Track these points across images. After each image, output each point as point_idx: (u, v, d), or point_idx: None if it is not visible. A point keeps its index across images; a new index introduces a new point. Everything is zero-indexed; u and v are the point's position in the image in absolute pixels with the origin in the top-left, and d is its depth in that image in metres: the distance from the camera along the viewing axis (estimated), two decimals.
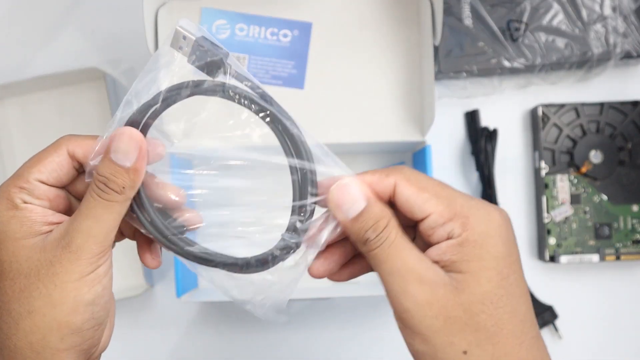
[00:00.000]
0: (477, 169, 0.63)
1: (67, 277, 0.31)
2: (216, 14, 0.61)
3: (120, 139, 0.32)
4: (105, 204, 0.32)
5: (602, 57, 0.61)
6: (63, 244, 0.31)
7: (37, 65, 0.66)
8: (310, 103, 0.61)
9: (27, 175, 0.32)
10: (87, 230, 0.31)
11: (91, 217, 0.31)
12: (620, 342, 0.64)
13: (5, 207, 0.32)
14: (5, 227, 0.31)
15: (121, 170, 0.32)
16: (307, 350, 0.65)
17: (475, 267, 0.29)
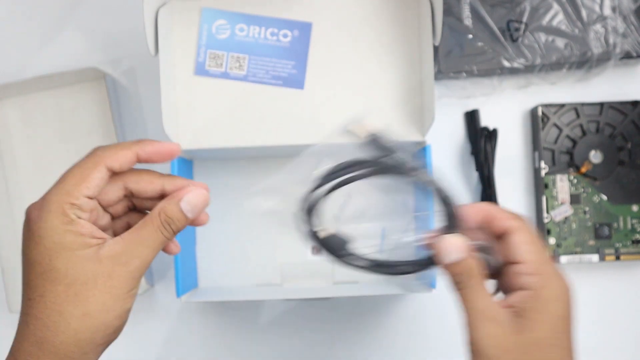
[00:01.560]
0: (476, 169, 0.63)
1: (121, 290, 0.37)
2: (216, 14, 0.61)
3: (197, 195, 0.40)
4: (162, 239, 0.39)
5: (602, 57, 0.61)
6: (122, 262, 0.37)
7: (37, 65, 0.66)
8: (310, 103, 0.61)
9: (77, 192, 0.37)
10: (144, 257, 0.38)
11: (150, 246, 0.38)
12: (620, 342, 0.64)
13: (61, 222, 0.36)
14: (62, 239, 0.36)
15: (184, 218, 0.39)
16: (307, 349, 0.65)
17: (538, 318, 0.36)
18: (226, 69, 0.61)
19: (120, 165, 0.39)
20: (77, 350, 0.37)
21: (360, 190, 0.58)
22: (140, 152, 0.39)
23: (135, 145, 0.39)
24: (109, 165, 0.38)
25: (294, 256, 0.64)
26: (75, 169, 0.38)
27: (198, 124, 0.60)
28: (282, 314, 0.65)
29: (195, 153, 0.61)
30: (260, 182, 0.64)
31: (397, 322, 0.65)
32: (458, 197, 0.40)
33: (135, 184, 0.40)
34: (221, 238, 0.64)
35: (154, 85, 0.56)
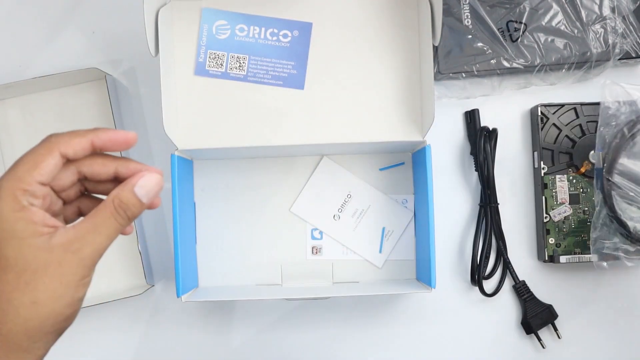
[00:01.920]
0: (476, 169, 0.64)
1: (71, 277, 0.36)
2: (216, 15, 0.61)
3: (151, 179, 0.39)
4: (117, 226, 0.38)
5: (601, 58, 0.61)
6: (73, 249, 0.36)
7: (37, 65, 0.66)
8: (310, 103, 0.61)
9: (29, 178, 0.36)
10: (97, 244, 0.37)
11: (103, 234, 0.37)
12: (620, 341, 0.65)
13: (12, 209, 0.35)
14: (13, 226, 0.35)
15: (138, 203, 0.38)
16: (308, 349, 0.65)
17: None
18: (226, 69, 0.61)
19: (74, 152, 0.38)
20: (25, 339, 0.36)
21: (359, 190, 0.59)
22: (95, 140, 0.38)
23: (91, 132, 0.38)
24: (63, 152, 0.38)
25: (294, 256, 0.64)
26: (28, 156, 0.37)
27: (198, 124, 0.60)
28: (282, 313, 0.66)
29: (195, 153, 0.61)
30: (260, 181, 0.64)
31: (397, 322, 0.65)
32: None
33: (88, 168, 0.39)
34: (221, 238, 0.64)
35: (154, 85, 0.56)
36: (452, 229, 0.65)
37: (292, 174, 0.65)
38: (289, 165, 0.65)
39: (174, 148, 0.58)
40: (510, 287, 0.65)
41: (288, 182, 0.64)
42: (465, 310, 0.65)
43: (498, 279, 0.64)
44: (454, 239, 0.65)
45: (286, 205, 0.64)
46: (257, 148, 0.60)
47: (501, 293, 0.64)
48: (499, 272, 0.64)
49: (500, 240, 0.63)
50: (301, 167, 0.65)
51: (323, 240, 0.64)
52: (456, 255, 0.65)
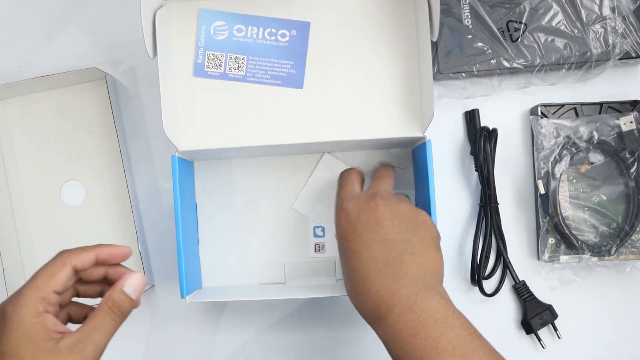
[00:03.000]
0: (476, 169, 0.64)
1: None
2: (214, 15, 0.61)
3: (136, 279, 0.46)
4: (112, 323, 0.44)
5: (601, 58, 0.61)
6: (77, 349, 0.42)
7: (37, 65, 0.67)
8: (309, 102, 0.61)
9: (47, 288, 0.43)
10: (97, 342, 0.43)
11: (103, 332, 0.44)
12: (619, 342, 0.65)
13: (31, 314, 0.42)
14: (30, 330, 0.41)
15: (129, 300, 0.45)
16: (309, 350, 0.65)
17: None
18: (225, 70, 0.61)
19: (82, 264, 0.45)
20: None
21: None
22: (100, 254, 0.46)
23: (96, 248, 0.46)
24: (74, 265, 0.45)
25: (297, 254, 0.64)
26: (46, 269, 0.44)
27: (198, 125, 0.61)
28: (285, 312, 0.66)
29: (195, 154, 0.61)
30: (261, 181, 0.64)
31: None
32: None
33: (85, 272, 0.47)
34: (223, 238, 0.64)
35: (154, 85, 0.56)
36: (452, 229, 0.65)
37: (293, 173, 0.65)
38: (290, 163, 0.65)
39: (174, 149, 0.58)
40: (510, 287, 0.65)
41: (289, 180, 0.64)
42: (465, 310, 0.64)
43: (498, 279, 0.64)
44: (453, 239, 0.65)
45: (288, 204, 0.64)
46: (257, 148, 0.60)
47: (501, 293, 0.64)
48: (499, 272, 0.64)
49: (500, 240, 0.63)
50: (302, 165, 0.65)
51: (326, 237, 0.64)
52: (456, 255, 0.65)
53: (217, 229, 0.64)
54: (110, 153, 0.65)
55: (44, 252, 0.66)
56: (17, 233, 0.66)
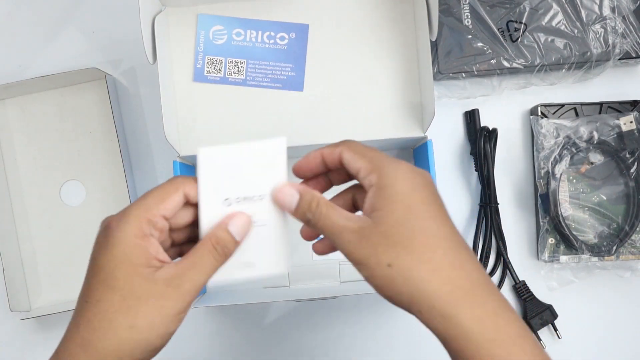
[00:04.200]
0: (476, 169, 0.64)
1: (170, 310, 0.39)
2: (213, 20, 0.61)
3: (241, 219, 0.42)
4: (214, 262, 0.41)
5: (601, 58, 0.61)
6: (175, 284, 0.39)
7: (37, 65, 0.67)
8: (310, 105, 0.61)
9: (155, 210, 0.39)
10: (196, 280, 0.40)
11: (202, 271, 0.40)
12: (619, 342, 0.65)
13: (135, 234, 0.39)
14: (131, 251, 0.38)
15: (233, 240, 0.42)
16: (314, 349, 0.65)
17: (387, 203, 0.38)
18: (225, 74, 0.61)
19: (195, 194, 0.42)
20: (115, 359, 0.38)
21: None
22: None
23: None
24: (187, 193, 0.41)
25: (300, 257, 0.64)
26: (157, 190, 0.41)
27: (199, 129, 0.60)
28: (288, 313, 0.65)
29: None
30: None
31: (400, 321, 0.65)
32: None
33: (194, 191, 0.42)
34: None
35: (154, 85, 0.56)
36: None
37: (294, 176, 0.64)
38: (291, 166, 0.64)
39: (175, 154, 0.58)
40: (510, 287, 0.65)
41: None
42: None
43: (498, 279, 0.64)
44: None
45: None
46: None
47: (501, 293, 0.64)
48: (499, 272, 0.64)
49: (500, 240, 0.63)
50: None
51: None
52: None
53: None
54: (110, 153, 0.65)
55: (44, 252, 0.66)
56: (17, 233, 0.66)
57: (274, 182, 0.45)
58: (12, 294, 0.63)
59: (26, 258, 0.66)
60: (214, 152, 0.44)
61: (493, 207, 0.63)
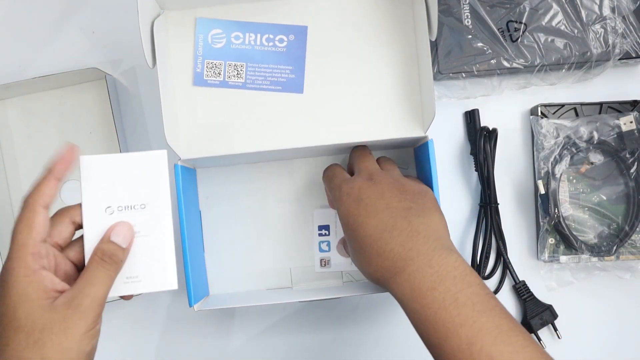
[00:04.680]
0: (476, 169, 0.64)
1: (76, 331, 0.40)
2: (211, 24, 0.61)
3: (122, 227, 0.45)
4: (108, 274, 0.43)
5: (601, 58, 0.61)
6: (74, 305, 0.41)
7: (37, 65, 0.67)
8: (310, 106, 0.61)
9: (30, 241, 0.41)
10: (93, 294, 0.42)
11: (97, 283, 0.42)
12: (619, 342, 0.65)
13: (24, 274, 0.41)
14: (25, 290, 0.40)
15: (120, 248, 0.44)
16: (315, 351, 0.65)
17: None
18: (224, 78, 0.61)
19: (50, 196, 0.43)
20: None
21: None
22: (55, 174, 0.44)
23: (48, 173, 0.44)
24: (41, 203, 0.43)
25: (303, 259, 0.64)
26: (21, 222, 0.42)
27: (200, 133, 0.60)
28: (291, 314, 0.65)
29: (198, 161, 0.61)
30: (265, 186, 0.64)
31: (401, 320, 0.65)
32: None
33: (79, 216, 0.45)
34: (229, 244, 0.64)
35: (154, 85, 0.56)
36: (452, 229, 0.64)
37: (296, 177, 0.64)
38: (293, 168, 0.64)
39: (176, 157, 0.58)
40: (510, 287, 0.65)
41: (293, 185, 0.64)
42: None
43: (498, 279, 0.64)
44: (454, 239, 0.64)
45: (292, 208, 0.64)
46: (260, 153, 0.59)
47: (501, 293, 0.64)
48: (498, 272, 0.64)
49: (500, 240, 0.63)
50: (306, 169, 0.64)
51: (331, 252, 0.64)
52: None
53: (222, 235, 0.64)
54: (110, 153, 0.65)
55: None
56: None
57: (155, 193, 0.47)
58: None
59: None
60: (95, 160, 0.46)
61: (493, 207, 0.63)
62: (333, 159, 0.64)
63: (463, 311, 0.43)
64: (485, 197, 0.63)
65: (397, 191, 0.51)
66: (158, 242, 0.46)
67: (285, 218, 0.64)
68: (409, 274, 0.46)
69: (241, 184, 0.64)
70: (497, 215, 0.63)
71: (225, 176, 0.64)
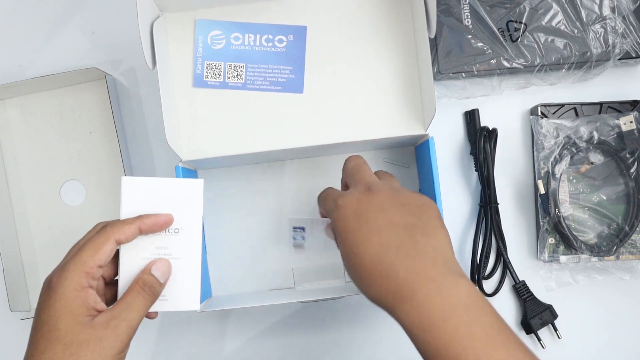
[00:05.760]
0: (476, 169, 0.64)
1: (109, 351, 0.43)
2: (210, 25, 0.61)
3: (162, 264, 0.48)
4: (144, 302, 0.46)
5: (601, 58, 0.61)
6: (112, 326, 0.43)
7: (38, 65, 0.67)
8: (310, 106, 0.61)
9: (91, 262, 0.44)
10: (130, 320, 0.44)
11: (135, 310, 0.45)
12: (619, 342, 0.65)
13: (74, 288, 0.43)
14: (70, 303, 0.43)
15: (158, 282, 0.47)
16: (317, 351, 0.65)
17: (335, 232, 0.49)
18: (224, 79, 0.61)
19: (126, 238, 0.46)
20: None
21: None
22: (142, 226, 0.47)
23: (138, 220, 0.47)
24: (117, 239, 0.46)
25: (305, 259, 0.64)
26: (91, 243, 0.45)
27: (201, 134, 0.60)
28: (294, 314, 0.65)
29: (199, 163, 0.61)
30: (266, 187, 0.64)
31: None
32: None
33: (121, 235, 0.47)
34: (231, 246, 0.64)
35: (154, 85, 0.56)
36: (452, 229, 0.65)
37: (297, 177, 0.64)
38: (294, 168, 0.64)
39: (177, 159, 0.58)
40: (510, 287, 0.65)
41: (294, 185, 0.64)
42: None
43: (498, 279, 0.64)
44: (453, 239, 0.65)
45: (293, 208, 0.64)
46: (261, 154, 0.59)
47: (501, 293, 0.64)
48: (498, 272, 0.64)
49: (500, 240, 0.63)
50: (307, 169, 0.64)
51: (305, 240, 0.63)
52: (456, 255, 0.65)
53: (224, 237, 0.64)
54: (110, 153, 0.65)
55: (44, 252, 0.66)
56: (17, 233, 0.66)
57: (189, 219, 0.49)
58: (12, 294, 0.63)
59: (26, 258, 0.66)
60: (136, 182, 0.48)
61: (493, 207, 0.63)
62: (334, 158, 0.64)
63: (477, 344, 0.40)
64: (485, 197, 0.63)
65: (399, 204, 0.47)
66: (187, 265, 0.49)
67: (286, 218, 0.64)
68: (417, 301, 0.42)
69: (242, 184, 0.64)
70: (497, 215, 0.63)
71: (226, 177, 0.64)
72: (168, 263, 0.48)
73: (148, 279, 0.47)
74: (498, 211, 0.63)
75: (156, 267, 0.48)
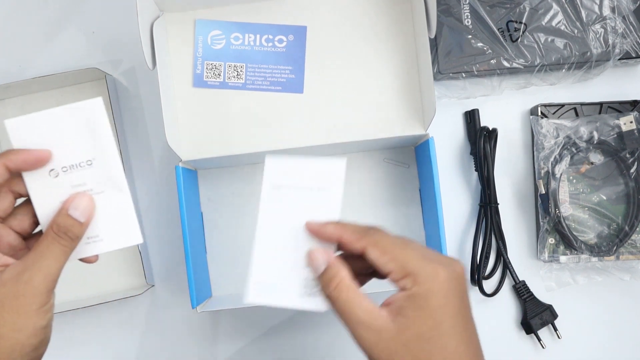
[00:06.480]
0: (476, 169, 0.64)
1: (28, 307, 0.38)
2: (210, 25, 0.61)
3: (81, 199, 0.41)
4: (64, 249, 0.40)
5: (601, 58, 0.61)
6: (24, 279, 0.38)
7: (37, 65, 0.67)
8: (310, 106, 0.61)
9: None
10: (46, 269, 0.39)
11: (51, 258, 0.39)
12: (619, 342, 0.65)
13: None
14: None
15: (77, 223, 0.40)
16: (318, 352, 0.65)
17: (416, 315, 0.37)
18: (224, 79, 0.61)
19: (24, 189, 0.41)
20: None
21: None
22: (8, 163, 0.40)
23: (2, 157, 0.40)
24: (14, 189, 0.41)
25: None
26: None
27: (201, 134, 0.60)
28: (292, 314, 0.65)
29: (199, 163, 0.61)
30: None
31: None
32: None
33: (19, 185, 0.41)
34: (231, 246, 0.64)
35: (154, 85, 0.56)
36: (452, 229, 0.65)
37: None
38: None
39: (177, 159, 0.58)
40: (510, 287, 0.65)
41: None
42: None
43: (498, 279, 0.64)
44: (454, 239, 0.65)
45: None
46: (261, 154, 0.59)
47: (501, 293, 0.64)
48: (498, 272, 0.64)
49: (500, 240, 0.63)
50: None
51: None
52: (456, 255, 0.65)
53: (224, 237, 0.64)
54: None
55: None
56: None
57: (100, 146, 0.42)
58: None
59: None
60: (23, 122, 0.41)
61: (493, 207, 0.63)
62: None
63: None
64: (485, 197, 0.63)
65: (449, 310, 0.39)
66: (114, 197, 0.42)
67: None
68: None
69: (243, 184, 0.64)
70: (497, 215, 0.63)
71: (226, 177, 0.64)
72: (88, 198, 0.41)
73: (63, 221, 0.40)
74: (498, 211, 0.63)
75: (74, 205, 0.40)
